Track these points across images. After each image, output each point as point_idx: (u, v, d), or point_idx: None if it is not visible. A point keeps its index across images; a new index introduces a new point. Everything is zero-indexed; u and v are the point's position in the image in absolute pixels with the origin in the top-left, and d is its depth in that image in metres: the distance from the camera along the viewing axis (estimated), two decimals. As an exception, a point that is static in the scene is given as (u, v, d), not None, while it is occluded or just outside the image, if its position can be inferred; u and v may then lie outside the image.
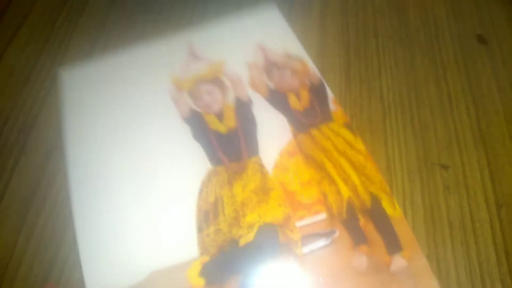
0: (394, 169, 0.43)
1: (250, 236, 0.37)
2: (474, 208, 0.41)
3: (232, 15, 0.53)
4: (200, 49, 0.48)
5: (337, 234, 0.37)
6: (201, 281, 0.35)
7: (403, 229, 0.36)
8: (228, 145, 0.41)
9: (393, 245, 0.35)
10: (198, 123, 0.43)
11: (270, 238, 0.36)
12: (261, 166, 0.40)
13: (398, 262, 0.35)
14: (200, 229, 0.37)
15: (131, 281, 0.35)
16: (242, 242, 0.36)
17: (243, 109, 0.43)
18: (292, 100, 0.44)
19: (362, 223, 0.37)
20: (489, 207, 0.41)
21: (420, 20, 0.55)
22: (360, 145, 0.41)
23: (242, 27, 0.51)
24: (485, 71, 0.50)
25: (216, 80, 0.45)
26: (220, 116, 0.43)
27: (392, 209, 0.37)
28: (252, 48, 0.48)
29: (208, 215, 0.38)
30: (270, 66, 0.46)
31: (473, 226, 0.40)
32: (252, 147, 0.41)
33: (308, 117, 0.43)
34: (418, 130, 0.46)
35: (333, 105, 0.44)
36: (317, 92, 0.44)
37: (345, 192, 0.38)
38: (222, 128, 0.42)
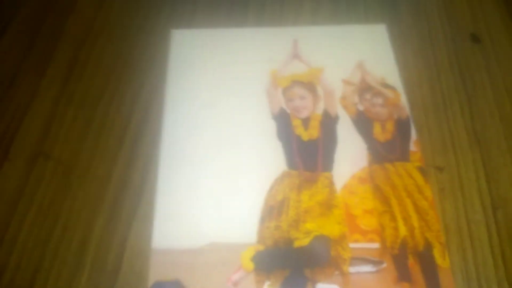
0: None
1: (306, 241, 0.40)
2: (470, 211, 0.41)
3: (341, 26, 0.55)
4: (303, 50, 0.51)
5: (384, 265, 0.39)
6: (251, 265, 0.39)
7: (447, 281, 0.38)
8: (307, 153, 0.44)
9: (433, 293, 0.38)
10: (284, 124, 0.46)
11: (323, 248, 0.40)
12: (332, 183, 0.43)
13: (434, 310, 0.37)
14: (262, 221, 0.41)
15: (192, 245, 0.40)
16: (296, 244, 0.40)
17: (329, 122, 0.46)
18: (377, 129, 0.46)
19: (411, 263, 0.39)
20: (485, 210, 0.41)
21: (412, 20, 0.54)
22: (428, 192, 0.42)
23: (348, 40, 0.53)
24: (479, 70, 0.49)
25: (311, 86, 0.48)
26: (306, 123, 0.46)
27: (441, 259, 0.39)
28: (351, 65, 0.50)
29: (273, 211, 0.41)
30: (365, 89, 0.48)
31: (469, 229, 0.40)
32: (328, 162, 0.44)
33: (387, 150, 0.45)
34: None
35: (413, 146, 0.45)
36: (402, 128, 0.46)
37: (403, 230, 0.41)
38: (305, 135, 0.45)
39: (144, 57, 0.53)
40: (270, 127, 0.46)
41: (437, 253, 0.40)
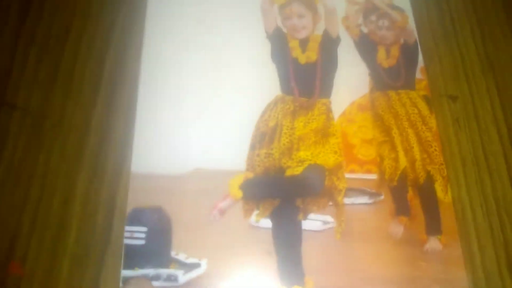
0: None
1: (298, 170, 0.37)
2: (486, 142, 0.38)
3: None
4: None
5: (382, 197, 0.36)
6: (239, 193, 0.36)
7: (448, 216, 0.36)
8: (303, 77, 0.40)
9: (434, 227, 0.35)
10: (280, 44, 0.41)
11: (317, 178, 0.37)
12: (329, 110, 0.39)
13: (434, 244, 0.35)
14: (252, 147, 0.37)
15: (174, 172, 0.36)
16: (288, 172, 0.37)
17: (329, 44, 0.41)
18: (381, 54, 0.42)
19: (410, 196, 0.37)
20: (502, 139, 0.38)
21: None
22: (433, 123, 0.39)
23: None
24: None
25: (310, 3, 0.42)
26: (303, 44, 0.41)
27: (443, 193, 0.37)
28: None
29: (264, 137, 0.38)
30: (370, 10, 0.43)
31: (486, 161, 0.37)
32: (326, 88, 0.40)
33: (390, 77, 0.41)
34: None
35: (419, 74, 0.41)
36: (408, 54, 0.42)
37: (403, 162, 0.38)
38: (302, 58, 0.41)
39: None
40: (264, 47, 0.41)
41: (438, 187, 0.37)
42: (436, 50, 0.43)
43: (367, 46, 0.42)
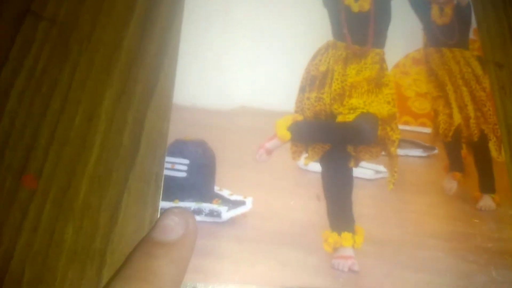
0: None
1: (350, 117, 0.35)
2: None
3: None
4: None
5: (436, 151, 0.35)
6: (287, 135, 0.33)
7: (502, 175, 0.34)
8: (356, 25, 0.38)
9: (487, 184, 0.34)
10: (332, -9, 0.39)
11: (369, 126, 0.35)
12: (383, 60, 0.37)
13: (487, 202, 0.33)
14: (302, 90, 0.35)
15: (219, 107, 0.34)
16: (340, 119, 0.35)
17: (382, -3, 0.40)
18: (434, 11, 0.40)
19: (464, 153, 0.35)
20: None
21: None
22: (487, 83, 0.38)
23: None
24: None
25: None
26: (356, -7, 0.39)
27: (497, 152, 0.35)
28: None
29: (315, 81, 0.36)
30: (425, -33, 0.42)
31: None
32: (379, 38, 0.38)
33: (444, 34, 0.39)
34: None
35: (472, 35, 0.40)
36: (461, 14, 0.40)
37: (457, 118, 0.36)
38: (355, 6, 0.39)
39: None
40: (316, -9, 0.39)
41: (492, 146, 0.35)
42: (484, 18, 0.41)
43: (421, 2, 0.40)
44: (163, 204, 0.30)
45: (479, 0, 0.43)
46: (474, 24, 0.40)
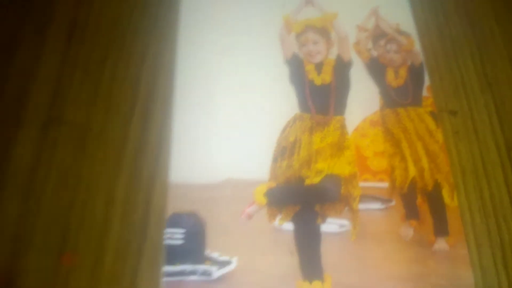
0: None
1: (316, 179, 0.41)
2: (485, 152, 0.41)
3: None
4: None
5: (393, 203, 0.40)
6: (264, 200, 0.40)
7: (455, 218, 0.39)
8: (319, 97, 0.45)
9: (441, 228, 0.39)
10: (297, 69, 0.46)
11: (333, 186, 0.41)
12: (343, 126, 0.44)
13: (442, 244, 0.38)
14: (275, 160, 0.42)
15: (209, 180, 0.42)
16: (307, 181, 0.41)
17: (341, 68, 0.46)
18: (389, 75, 0.46)
19: (419, 202, 0.40)
20: (499, 150, 0.41)
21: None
22: (439, 136, 0.43)
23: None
24: (487, 15, 0.49)
25: (324, 31, 0.48)
26: (319, 68, 0.46)
27: (449, 199, 0.40)
28: (366, 11, 0.50)
29: (285, 151, 0.43)
30: (379, 35, 0.48)
31: (485, 169, 0.40)
32: (340, 106, 0.44)
33: (399, 95, 0.45)
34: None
35: (426, 92, 0.46)
36: (415, 74, 0.46)
37: (412, 171, 0.42)
38: (317, 80, 0.46)
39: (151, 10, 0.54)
40: (283, 71, 0.47)
41: (445, 193, 0.41)
42: (437, 70, 0.47)
43: (377, 68, 0.46)
44: (167, 268, 0.38)
45: (431, 51, 0.48)
46: (427, 82, 0.46)
